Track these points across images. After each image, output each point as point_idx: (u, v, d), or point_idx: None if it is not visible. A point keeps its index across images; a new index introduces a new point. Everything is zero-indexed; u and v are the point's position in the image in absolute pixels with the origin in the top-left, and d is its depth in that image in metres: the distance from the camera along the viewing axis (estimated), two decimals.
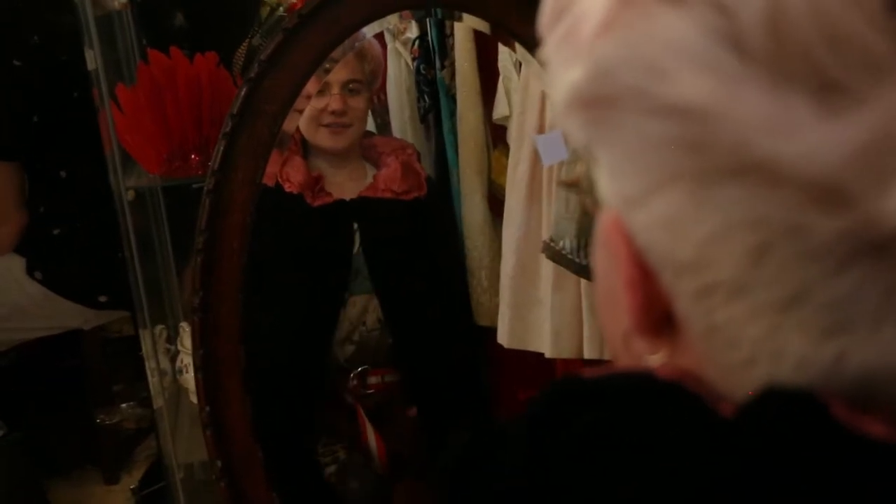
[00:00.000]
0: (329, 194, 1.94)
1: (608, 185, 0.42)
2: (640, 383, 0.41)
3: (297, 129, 1.94)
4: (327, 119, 1.94)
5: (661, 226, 0.39)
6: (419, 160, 2.08)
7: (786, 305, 0.37)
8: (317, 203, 1.92)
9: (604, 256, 0.45)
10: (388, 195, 1.96)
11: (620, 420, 0.39)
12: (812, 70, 0.35)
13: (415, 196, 1.98)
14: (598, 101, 0.39)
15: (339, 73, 1.90)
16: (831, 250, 0.35)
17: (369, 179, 2.01)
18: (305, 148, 2.01)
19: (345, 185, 1.99)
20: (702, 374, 0.42)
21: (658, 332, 0.43)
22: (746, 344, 0.39)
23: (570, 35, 0.40)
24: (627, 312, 0.43)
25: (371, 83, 2.01)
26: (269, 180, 1.87)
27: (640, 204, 0.40)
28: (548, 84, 1.87)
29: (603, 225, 0.44)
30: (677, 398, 0.40)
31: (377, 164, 2.05)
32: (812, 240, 0.36)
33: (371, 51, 2.01)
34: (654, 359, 0.44)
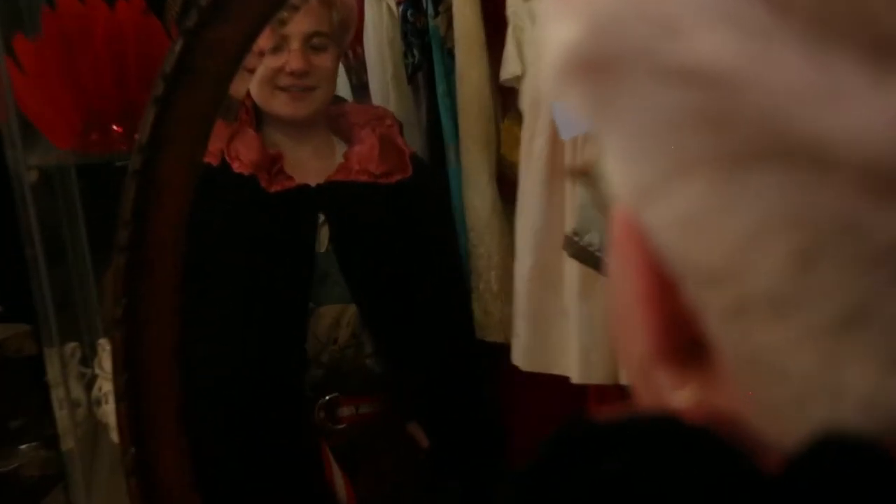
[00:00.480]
0: (290, 177, 1.94)
1: (617, 174, 0.41)
2: (662, 430, 0.40)
3: (248, 94, 1.96)
4: (285, 81, 1.95)
5: (681, 224, 0.39)
6: (402, 133, 2.08)
7: (841, 326, 0.36)
8: (274, 188, 1.92)
9: (616, 264, 0.45)
10: (363, 178, 1.97)
11: (637, 479, 0.38)
12: (864, 24, 0.34)
13: (398, 179, 1.98)
14: (597, 65, 0.38)
15: (299, 24, 1.92)
16: None
17: (339, 158, 2.02)
18: (259, 118, 2.01)
19: (308, 165, 1.99)
20: (740, 415, 0.41)
21: (683, 360, 0.43)
22: (795, 377, 0.38)
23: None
24: (644, 335, 0.43)
25: (340, 37, 2.02)
26: (212, 159, 1.87)
27: (656, 197, 0.39)
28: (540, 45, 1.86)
29: (614, 224, 0.44)
30: (709, 449, 0.39)
31: (349, 139, 2.06)
32: (871, 241, 0.35)
33: None
34: (681, 395, 0.43)
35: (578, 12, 0.39)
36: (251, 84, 1.93)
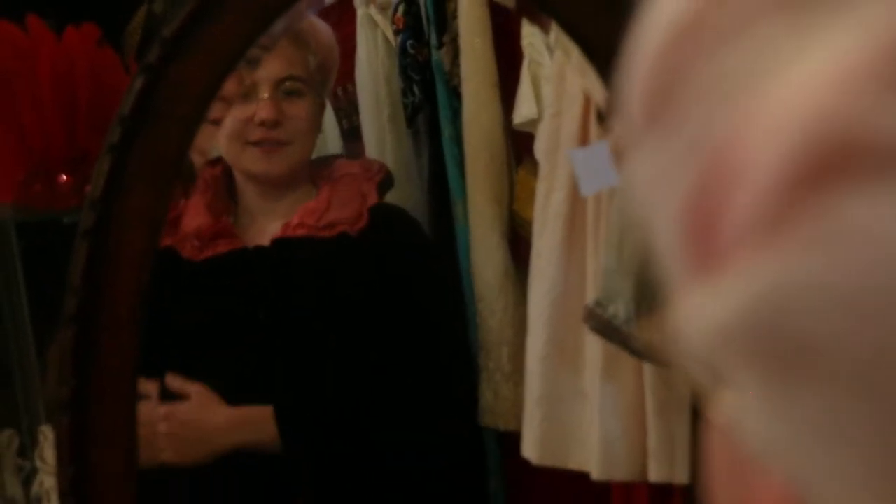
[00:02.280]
0: (229, 241, 1.99)
1: (788, 460, 0.37)
2: None
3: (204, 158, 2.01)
4: (255, 133, 1.98)
5: None
6: (386, 184, 2.10)
7: None
8: (202, 255, 1.98)
9: None
10: (300, 232, 2.00)
11: None
12: None
13: (340, 230, 2.00)
14: (777, 351, 0.34)
15: (269, 69, 1.95)
16: None
17: None
18: (230, 181, 2.06)
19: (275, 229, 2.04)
20: None
21: None
22: None
23: (707, 219, 0.36)
24: None
25: (320, 83, 2.06)
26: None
27: None
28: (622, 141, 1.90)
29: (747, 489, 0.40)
30: None
31: None
32: None
33: (317, 35, 2.05)
34: None
35: (736, 273, 0.34)
36: (220, 139, 1.96)
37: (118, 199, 1.46)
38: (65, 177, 1.68)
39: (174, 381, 1.93)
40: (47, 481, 1.80)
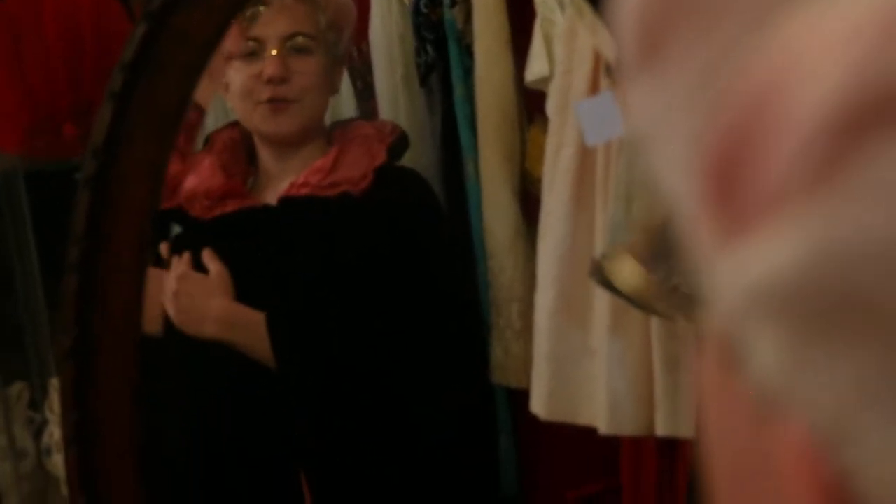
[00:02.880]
0: (239, 200, 2.00)
1: (816, 398, 0.35)
2: None
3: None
4: (264, 92, 1.98)
5: None
6: (399, 145, 2.10)
7: None
8: (211, 214, 1.99)
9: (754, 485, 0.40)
10: (304, 191, 2.00)
11: None
12: None
13: (342, 190, 2.00)
14: (825, 306, 0.33)
15: (275, 25, 1.95)
16: None
17: None
18: (249, 143, 2.07)
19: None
20: None
21: None
22: None
23: (737, 169, 0.33)
24: None
25: (332, 41, 2.04)
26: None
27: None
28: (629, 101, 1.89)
29: (764, 439, 0.38)
30: None
31: None
32: None
33: None
34: None
35: (781, 224, 0.32)
36: (233, 100, 1.98)
37: (120, 147, 1.47)
38: (69, 128, 1.68)
39: (209, 255, 1.95)
40: (56, 432, 1.82)
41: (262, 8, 1.90)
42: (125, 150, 1.48)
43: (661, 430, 1.80)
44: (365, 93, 2.46)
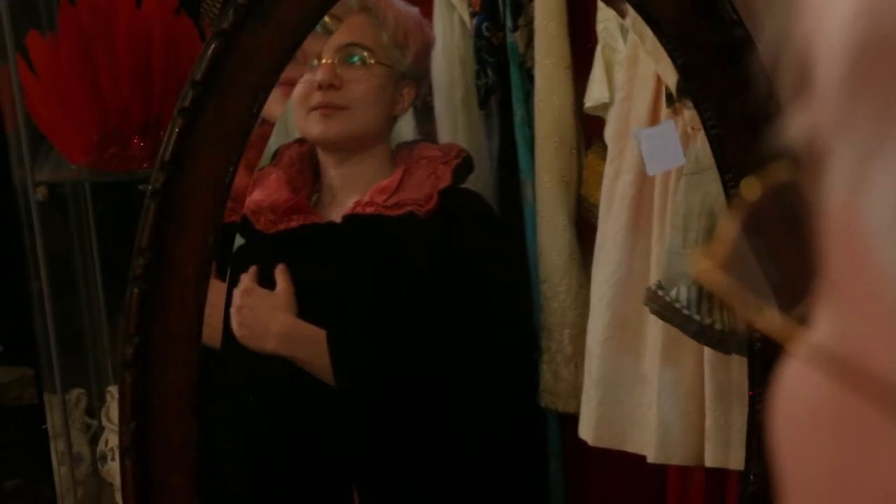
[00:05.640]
0: (303, 216, 2.00)
1: None
2: None
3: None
4: (315, 98, 1.98)
5: None
6: (465, 168, 2.10)
7: None
8: (275, 228, 1.99)
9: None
10: (369, 210, 2.00)
11: None
12: None
13: (407, 211, 2.00)
14: None
15: (335, 36, 1.96)
16: None
17: None
18: (315, 159, 2.08)
19: (348, 202, 2.05)
20: None
21: None
22: None
23: None
24: None
25: (396, 57, 2.05)
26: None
27: None
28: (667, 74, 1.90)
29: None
30: None
31: None
32: None
33: (390, 9, 2.05)
34: None
35: None
36: (293, 110, 1.98)
37: (187, 161, 1.48)
38: (138, 141, 1.70)
39: (280, 271, 1.96)
40: (112, 440, 1.83)
41: (335, 22, 1.91)
42: (192, 165, 1.49)
43: (711, 461, 1.80)
44: (424, 113, 2.46)
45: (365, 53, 2.01)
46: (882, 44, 0.37)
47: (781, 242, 0.46)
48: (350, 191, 2.04)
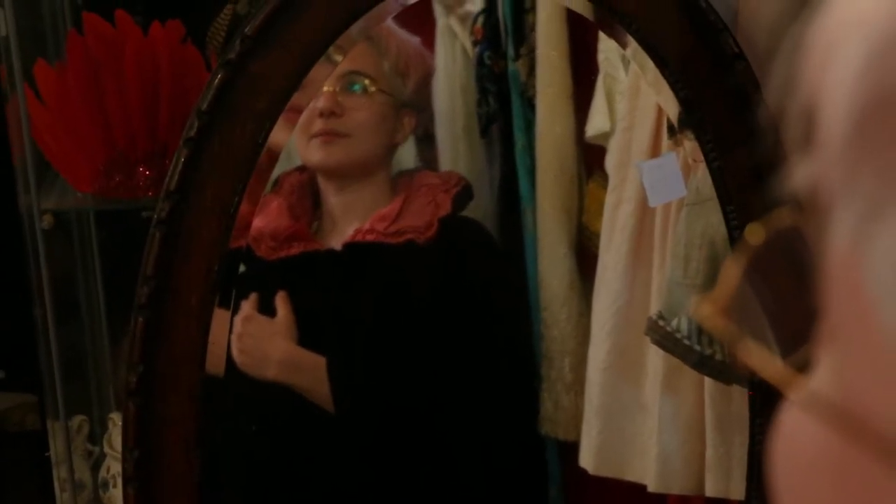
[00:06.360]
0: (304, 243, 2.01)
1: None
2: None
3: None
4: (316, 125, 1.99)
5: None
6: (465, 196, 2.11)
7: None
8: (276, 255, 2.00)
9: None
10: (370, 238, 2.01)
11: None
12: None
13: (407, 238, 2.01)
14: None
15: (340, 65, 1.97)
16: None
17: None
18: (316, 187, 2.09)
19: (347, 229, 2.05)
20: None
21: None
22: None
23: None
24: None
25: (397, 86, 2.06)
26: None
27: None
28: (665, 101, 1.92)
29: None
30: None
31: None
32: None
33: (391, 40, 2.06)
34: None
35: None
36: (295, 138, 1.98)
37: (193, 190, 1.49)
38: (143, 169, 1.71)
39: (281, 299, 1.97)
40: (114, 467, 1.83)
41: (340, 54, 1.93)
42: (198, 194, 1.50)
43: (711, 490, 1.80)
44: (425, 140, 2.47)
45: (366, 81, 2.02)
46: (887, 104, 0.37)
47: (784, 287, 0.47)
48: (350, 218, 2.05)
